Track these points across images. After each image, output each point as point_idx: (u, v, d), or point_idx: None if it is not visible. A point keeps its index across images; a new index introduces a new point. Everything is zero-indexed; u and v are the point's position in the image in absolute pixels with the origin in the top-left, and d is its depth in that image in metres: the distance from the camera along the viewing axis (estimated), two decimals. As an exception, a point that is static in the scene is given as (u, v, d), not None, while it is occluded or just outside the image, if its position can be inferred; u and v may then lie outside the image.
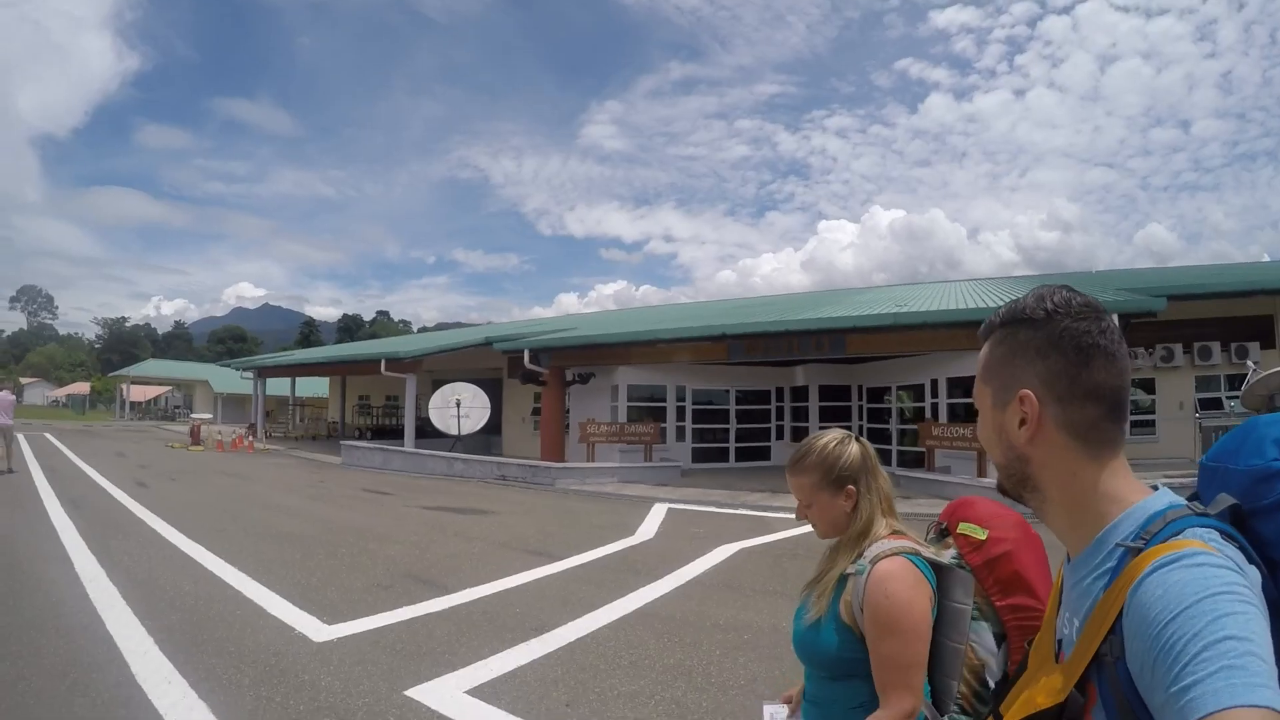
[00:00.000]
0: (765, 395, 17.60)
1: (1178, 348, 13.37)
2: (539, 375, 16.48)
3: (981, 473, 10.96)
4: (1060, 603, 0.88)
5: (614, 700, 3.86)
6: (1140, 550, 0.71)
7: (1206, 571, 0.65)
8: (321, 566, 6.73)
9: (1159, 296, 10.40)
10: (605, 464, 14.70)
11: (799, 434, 17.46)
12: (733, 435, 17.24)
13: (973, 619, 1.37)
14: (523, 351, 16.19)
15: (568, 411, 17.23)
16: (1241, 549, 0.71)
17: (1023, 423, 0.82)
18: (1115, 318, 11.24)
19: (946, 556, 1.40)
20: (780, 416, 17.81)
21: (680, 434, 16.55)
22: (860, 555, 1.42)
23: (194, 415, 33.25)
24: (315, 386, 35.26)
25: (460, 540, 8.36)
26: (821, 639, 1.41)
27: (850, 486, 1.48)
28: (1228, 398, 13.78)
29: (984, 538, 1.38)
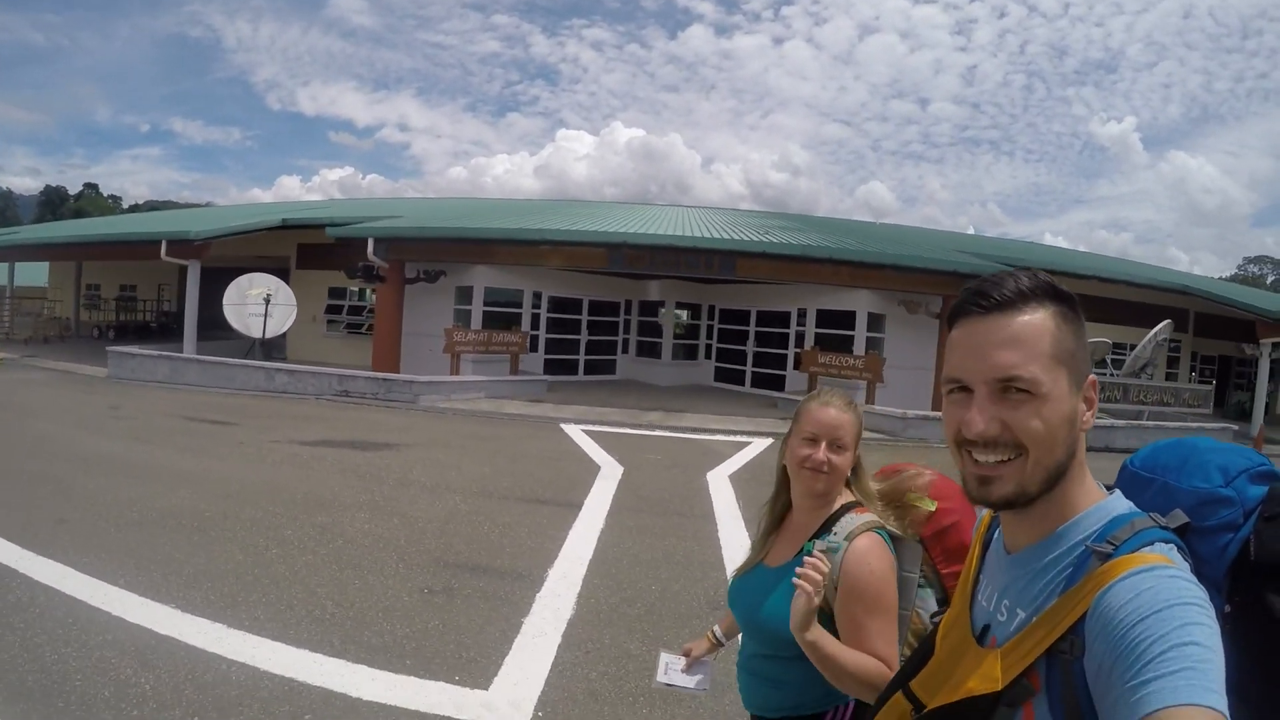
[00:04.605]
0: (615, 307, 16.49)
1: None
2: (377, 270, 12.86)
3: (870, 401, 11.77)
4: (978, 585, 0.87)
5: None
6: (1108, 556, 0.69)
7: (1178, 583, 0.65)
8: (304, 573, 4.14)
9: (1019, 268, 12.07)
10: (472, 377, 12.34)
11: (645, 349, 16.92)
12: (583, 347, 15.92)
13: (919, 586, 1.36)
14: (365, 240, 12.34)
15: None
16: (1190, 567, 0.70)
17: (1089, 406, 0.77)
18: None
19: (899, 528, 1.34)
20: (628, 330, 16.95)
21: (534, 344, 14.67)
22: (825, 529, 1.32)
23: None
24: (29, 274, 23.21)
25: (422, 493, 6.07)
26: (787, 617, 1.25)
27: (858, 452, 1.38)
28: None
29: (933, 509, 1.34)
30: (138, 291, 22.57)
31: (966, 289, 0.79)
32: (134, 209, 63.01)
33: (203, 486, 5.67)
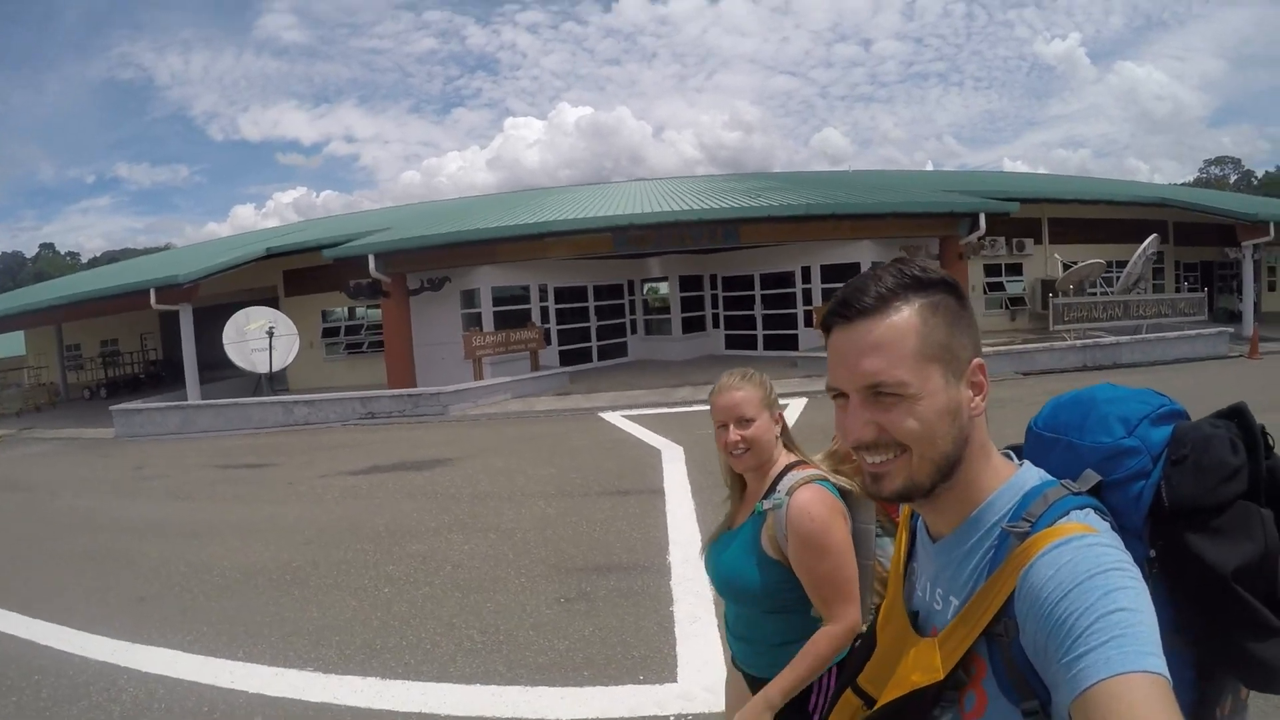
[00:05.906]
0: (619, 289, 16.15)
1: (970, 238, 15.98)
2: (380, 285, 12.37)
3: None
4: (909, 573, 0.88)
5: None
6: (1026, 534, 0.69)
7: (1097, 550, 0.64)
8: (429, 606, 3.90)
9: (1011, 200, 12.00)
10: (496, 380, 12.01)
11: (653, 327, 16.65)
12: (594, 333, 15.60)
13: (877, 536, 1.38)
14: (364, 258, 11.83)
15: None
16: (1110, 525, 0.70)
17: (977, 391, 0.75)
18: (982, 216, 12.79)
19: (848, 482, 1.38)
20: (633, 310, 16.63)
21: (547, 337, 14.33)
22: (772, 489, 1.37)
23: None
24: (5, 344, 21.89)
25: (503, 504, 5.81)
26: (749, 576, 1.37)
27: (779, 412, 1.43)
28: (1007, 281, 17.33)
29: None
30: (120, 345, 21.58)
31: (833, 299, 0.76)
32: (93, 262, 60.52)
33: (275, 536, 5.33)
